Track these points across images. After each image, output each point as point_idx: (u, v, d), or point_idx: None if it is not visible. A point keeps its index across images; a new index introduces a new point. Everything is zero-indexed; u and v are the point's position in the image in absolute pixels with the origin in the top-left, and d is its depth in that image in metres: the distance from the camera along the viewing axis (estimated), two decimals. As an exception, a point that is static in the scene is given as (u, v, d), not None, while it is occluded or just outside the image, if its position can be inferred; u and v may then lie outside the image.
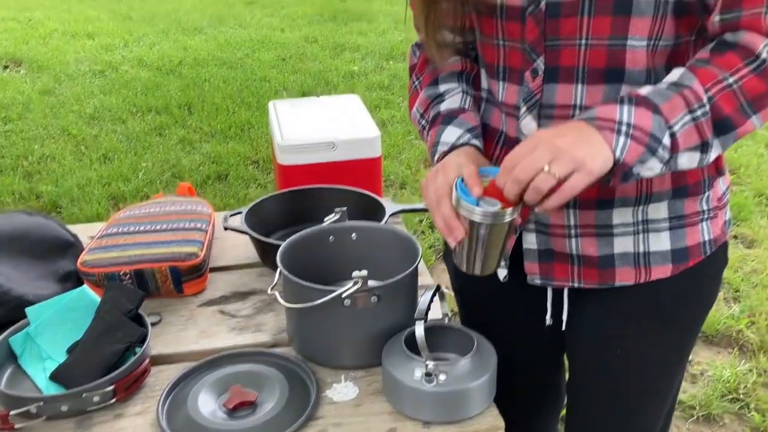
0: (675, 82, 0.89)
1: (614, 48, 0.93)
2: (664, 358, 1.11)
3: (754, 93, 0.88)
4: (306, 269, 1.18)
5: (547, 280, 1.09)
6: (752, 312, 2.59)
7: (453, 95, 1.10)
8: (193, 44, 5.89)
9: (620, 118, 0.86)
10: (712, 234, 1.05)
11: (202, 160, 3.89)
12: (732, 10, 0.89)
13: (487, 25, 1.02)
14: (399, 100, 4.65)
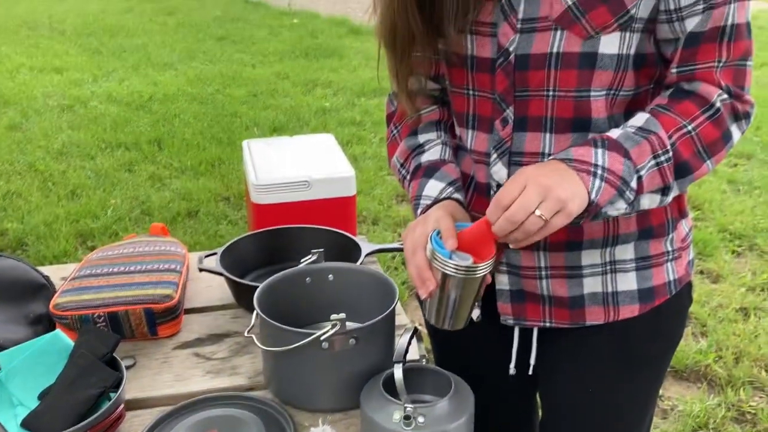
0: (641, 126, 0.94)
1: (580, 99, 0.97)
2: (635, 394, 1.13)
3: (710, 139, 0.94)
4: (283, 311, 1.18)
5: (519, 320, 1.11)
6: (719, 346, 2.63)
7: (433, 146, 1.13)
8: (163, 79, 5.89)
9: (595, 161, 0.90)
10: (677, 274, 1.08)
11: (172, 197, 3.86)
12: (688, 63, 0.95)
13: (457, 75, 1.05)
14: (371, 136, 4.69)
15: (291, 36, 7.34)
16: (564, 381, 1.14)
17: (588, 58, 0.94)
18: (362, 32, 7.53)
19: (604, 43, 0.93)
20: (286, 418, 1.07)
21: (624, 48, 0.94)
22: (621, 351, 1.09)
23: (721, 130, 0.95)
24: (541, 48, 0.95)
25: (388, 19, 1.01)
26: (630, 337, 1.08)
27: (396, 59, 1.05)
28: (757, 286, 3.03)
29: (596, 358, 1.10)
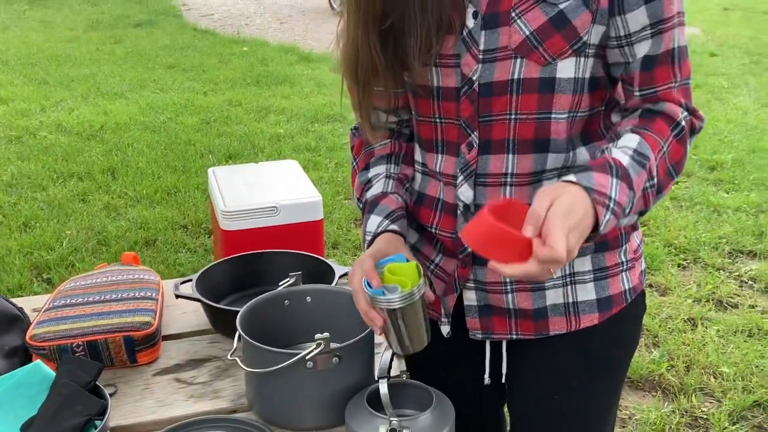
0: (637, 150, 0.99)
1: (541, 121, 1.04)
2: (598, 400, 1.20)
3: (677, 157, 1.03)
4: (263, 333, 1.21)
5: (487, 334, 1.16)
6: (671, 356, 2.75)
7: (378, 181, 1.19)
8: (113, 109, 5.83)
9: (610, 193, 0.93)
10: (632, 283, 1.16)
11: (129, 226, 3.83)
12: (648, 86, 1.04)
13: (424, 105, 1.11)
14: (326, 161, 4.74)
15: (241, 64, 7.36)
16: (531, 389, 1.20)
17: (547, 82, 1.01)
18: (312, 59, 7.61)
19: (560, 69, 1.01)
20: (272, 437, 1.10)
21: (579, 72, 1.02)
22: (584, 358, 1.16)
23: (685, 147, 1.04)
24: (503, 75, 1.02)
25: (351, 54, 1.06)
26: (591, 344, 1.15)
27: (359, 92, 1.10)
28: (702, 297, 3.17)
29: (561, 366, 1.17)
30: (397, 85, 1.10)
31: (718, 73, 6.89)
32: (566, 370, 1.16)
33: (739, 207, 4.04)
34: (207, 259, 3.51)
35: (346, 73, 1.09)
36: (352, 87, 1.11)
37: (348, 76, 1.09)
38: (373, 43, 1.04)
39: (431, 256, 1.19)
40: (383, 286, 1.02)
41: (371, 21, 1.02)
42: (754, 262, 3.51)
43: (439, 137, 1.12)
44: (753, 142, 5.05)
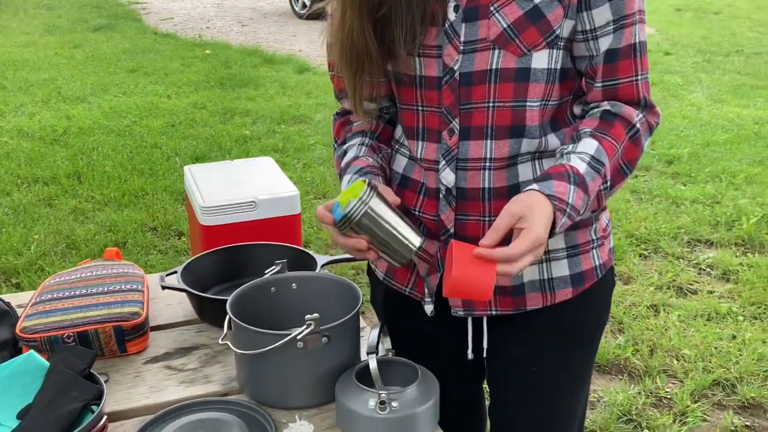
0: (594, 156, 1.09)
1: (517, 108, 1.11)
2: (572, 370, 1.28)
3: (630, 157, 1.13)
4: (251, 320, 1.25)
5: (469, 311, 1.23)
6: (635, 341, 2.85)
7: (351, 149, 1.26)
8: (76, 113, 5.77)
9: (568, 199, 1.05)
10: (602, 259, 1.24)
11: (98, 230, 3.81)
12: (610, 78, 1.12)
13: (407, 94, 1.18)
14: (294, 162, 4.77)
15: (204, 66, 7.34)
16: (510, 362, 1.27)
17: (522, 72, 1.09)
18: (276, 61, 7.62)
19: (535, 59, 1.08)
20: (266, 417, 1.15)
21: (552, 63, 1.10)
22: (559, 331, 1.23)
23: (639, 147, 1.13)
24: (482, 66, 1.09)
25: (348, 43, 1.11)
26: (566, 317, 1.22)
27: (353, 79, 1.16)
28: (663, 285, 3.30)
29: (538, 340, 1.24)
30: (381, 74, 1.15)
31: (673, 71, 7.11)
32: (542, 342, 1.23)
33: (696, 198, 4.20)
34: (177, 260, 3.51)
35: (342, 61, 1.14)
36: (347, 74, 1.15)
37: (344, 64, 1.14)
38: (368, 31, 1.09)
39: None
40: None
41: (366, 11, 1.08)
42: (711, 250, 3.65)
43: (421, 124, 1.18)
44: (707, 137, 5.23)
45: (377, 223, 1.06)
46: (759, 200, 4.16)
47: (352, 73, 1.16)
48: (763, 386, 2.59)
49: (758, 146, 5.05)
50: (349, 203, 1.05)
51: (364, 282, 3.24)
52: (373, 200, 1.05)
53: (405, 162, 1.24)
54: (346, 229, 1.07)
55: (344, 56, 1.12)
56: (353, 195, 1.06)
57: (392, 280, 1.29)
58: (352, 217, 1.05)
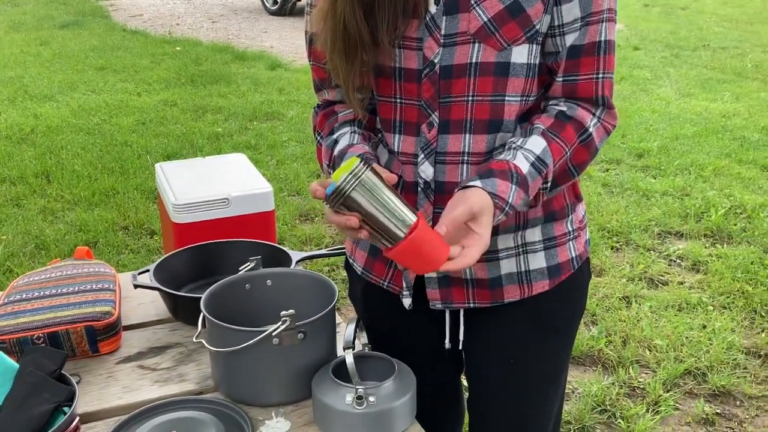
0: (539, 156, 1.10)
1: (496, 102, 1.11)
2: (549, 361, 1.29)
3: (579, 161, 1.14)
4: (226, 317, 1.24)
5: (447, 304, 1.23)
6: (608, 332, 2.89)
7: (343, 137, 1.23)
8: (44, 111, 5.67)
9: (509, 199, 1.06)
10: (578, 251, 1.25)
11: (68, 229, 3.75)
12: (571, 74, 1.12)
13: (385, 86, 1.17)
14: (267, 159, 4.74)
15: (175, 64, 7.25)
16: (487, 354, 1.27)
17: (502, 67, 1.09)
18: (247, 58, 7.56)
19: (515, 54, 1.08)
20: (242, 414, 1.14)
21: (531, 58, 1.10)
22: (536, 322, 1.24)
23: (590, 152, 1.14)
24: (462, 59, 1.09)
25: (338, 27, 1.09)
26: (543, 309, 1.23)
27: (347, 65, 1.12)
28: (635, 277, 3.34)
29: (515, 331, 1.25)
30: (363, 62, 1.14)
31: (642, 66, 7.20)
32: (520, 334, 1.24)
33: (666, 191, 4.26)
34: (150, 259, 3.48)
35: (335, 49, 1.11)
36: (341, 62, 1.12)
37: (337, 53, 1.11)
38: (360, 17, 1.07)
39: None
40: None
41: None
42: (681, 242, 3.70)
43: (398, 117, 1.17)
44: (676, 130, 5.31)
45: (369, 198, 1.00)
46: (726, 192, 4.24)
47: (345, 61, 1.12)
48: (732, 374, 2.64)
49: (725, 139, 5.14)
50: (341, 177, 1.01)
51: (339, 278, 3.24)
52: (365, 174, 1.00)
53: (386, 155, 1.23)
54: (337, 205, 1.01)
55: (337, 44, 1.10)
56: (347, 171, 1.01)
57: (370, 274, 1.29)
58: (343, 190, 0.99)
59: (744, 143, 5.06)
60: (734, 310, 3.06)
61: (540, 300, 1.22)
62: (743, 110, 5.81)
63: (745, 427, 2.40)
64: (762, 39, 8.58)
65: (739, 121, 5.54)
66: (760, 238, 3.69)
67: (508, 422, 1.30)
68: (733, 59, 7.58)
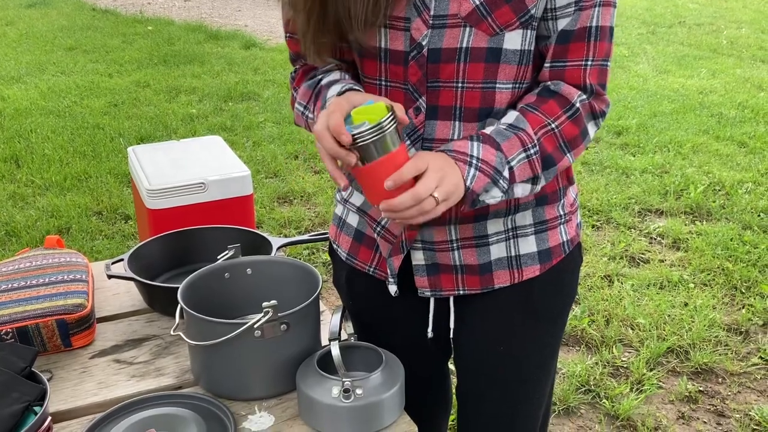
0: (511, 123, 1.05)
1: (486, 90, 1.06)
2: (540, 348, 1.25)
3: (570, 136, 1.08)
4: (204, 308, 1.20)
5: (435, 291, 1.19)
6: (591, 311, 2.88)
7: (331, 73, 1.15)
8: (11, 94, 5.52)
9: (471, 152, 1.01)
10: (569, 235, 1.22)
11: (39, 215, 3.65)
12: (560, 59, 1.07)
13: (369, 66, 1.11)
14: (243, 140, 4.66)
15: (147, 43, 7.10)
16: (477, 341, 1.24)
17: (494, 53, 1.04)
18: (221, 37, 7.42)
19: (507, 40, 1.03)
20: (223, 410, 1.10)
21: (525, 44, 1.05)
22: (527, 308, 1.21)
23: (580, 128, 1.08)
24: (452, 43, 1.04)
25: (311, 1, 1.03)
26: (533, 294, 1.20)
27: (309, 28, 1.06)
28: (616, 255, 3.33)
29: (505, 317, 1.21)
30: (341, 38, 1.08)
31: (619, 43, 7.18)
32: (510, 320, 1.21)
33: (645, 168, 4.25)
34: (125, 245, 3.40)
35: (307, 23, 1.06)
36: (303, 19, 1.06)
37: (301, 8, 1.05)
38: None
39: (377, 218, 1.20)
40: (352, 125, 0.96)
41: None
42: (661, 219, 3.71)
43: None
44: (654, 107, 5.31)
45: (381, 148, 0.95)
46: (705, 169, 4.24)
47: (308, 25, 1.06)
48: (714, 352, 2.64)
49: (703, 116, 5.15)
50: (363, 125, 0.94)
51: (320, 261, 3.19)
52: (391, 131, 0.95)
53: None
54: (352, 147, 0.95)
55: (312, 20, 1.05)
56: (370, 117, 0.95)
57: (355, 260, 1.25)
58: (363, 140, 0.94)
59: (721, 120, 5.07)
60: (715, 287, 3.07)
61: (531, 285, 1.18)
62: (719, 87, 5.82)
63: (727, 404, 2.41)
64: (736, 15, 8.61)
65: (716, 97, 5.55)
66: (739, 214, 3.70)
67: (499, 410, 1.27)
68: (708, 36, 7.59)
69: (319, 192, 3.94)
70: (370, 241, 1.22)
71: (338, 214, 1.29)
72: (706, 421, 2.33)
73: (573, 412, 2.36)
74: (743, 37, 7.53)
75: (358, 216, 1.23)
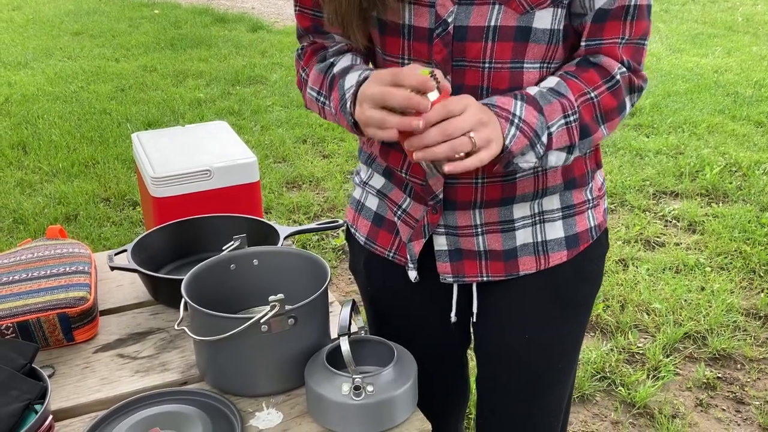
0: (553, 88, 1.00)
1: (515, 70, 1.01)
2: (565, 336, 1.21)
3: (608, 107, 1.03)
4: (209, 300, 1.16)
5: (458, 277, 1.15)
6: (606, 297, 2.83)
7: (342, 58, 1.11)
8: (18, 79, 5.49)
9: (514, 110, 0.96)
10: (597, 220, 1.17)
11: (47, 202, 3.63)
12: (596, 38, 1.02)
13: (392, 44, 1.06)
14: (251, 124, 4.61)
15: (153, 27, 7.04)
16: (501, 329, 1.19)
17: (523, 31, 0.99)
18: (228, 20, 7.36)
19: (538, 18, 0.98)
20: (230, 407, 1.06)
21: (555, 23, 1.00)
22: (553, 296, 1.16)
23: (618, 100, 1.03)
24: (479, 21, 0.98)
25: None
26: (560, 281, 1.15)
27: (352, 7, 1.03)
28: (631, 239, 3.27)
29: (530, 305, 1.16)
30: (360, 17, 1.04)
31: (632, 21, 7.05)
32: (535, 308, 1.16)
33: (660, 150, 4.18)
34: (133, 231, 3.37)
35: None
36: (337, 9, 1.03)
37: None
38: None
39: (399, 201, 1.16)
40: None
41: None
42: (676, 201, 3.64)
43: None
44: (668, 87, 5.21)
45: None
46: (721, 149, 4.16)
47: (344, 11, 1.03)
48: (732, 337, 2.59)
49: (718, 95, 5.05)
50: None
51: (329, 247, 3.15)
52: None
53: None
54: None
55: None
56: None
57: (374, 245, 1.21)
58: None
59: (737, 99, 4.97)
60: (732, 271, 3.01)
61: (557, 272, 1.14)
62: (735, 65, 5.71)
63: (747, 390, 2.36)
64: (752, -8, 8.45)
65: (732, 76, 5.44)
66: (756, 196, 3.63)
67: (521, 399, 1.22)
68: (723, 13, 7.45)
69: (328, 177, 3.89)
70: (390, 225, 1.18)
71: (357, 198, 1.25)
72: (725, 409, 2.29)
73: (588, 399, 2.32)
74: (759, 14, 7.38)
75: (378, 199, 1.19)
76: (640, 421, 2.23)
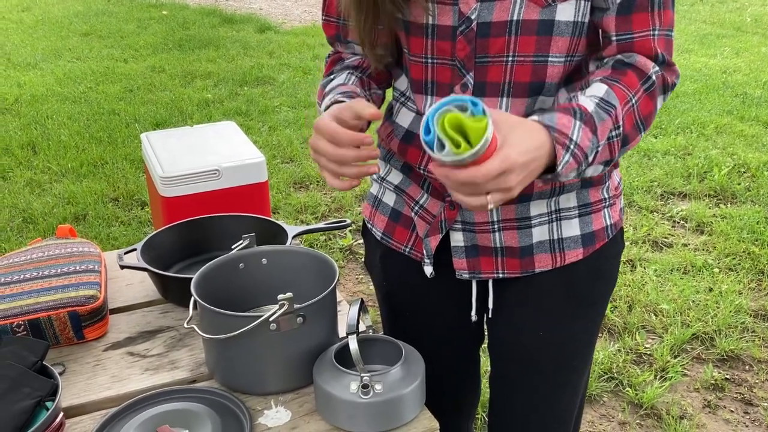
0: (603, 98, 0.97)
1: (538, 63, 1.01)
2: (579, 335, 1.21)
3: (646, 112, 1.00)
4: (219, 299, 1.17)
5: (474, 273, 1.16)
6: (613, 297, 2.82)
7: (339, 76, 1.14)
8: (28, 80, 5.52)
9: (572, 135, 0.92)
10: (613, 219, 1.17)
11: (56, 202, 3.65)
12: (625, 32, 1.00)
13: (416, 44, 1.07)
14: (259, 125, 4.62)
15: (161, 28, 7.07)
16: (515, 327, 1.19)
17: (546, 25, 0.98)
18: (236, 21, 7.38)
19: (560, 11, 0.98)
20: (238, 405, 1.06)
21: (579, 16, 0.99)
22: (568, 294, 1.16)
23: (654, 102, 1.01)
24: (502, 16, 0.99)
25: None
26: (575, 279, 1.15)
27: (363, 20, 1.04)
28: (639, 240, 3.27)
29: (546, 303, 1.17)
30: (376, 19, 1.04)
31: (640, 22, 7.04)
32: (551, 306, 1.17)
33: (668, 150, 4.17)
34: (141, 231, 3.39)
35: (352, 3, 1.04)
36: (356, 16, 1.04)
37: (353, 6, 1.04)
38: None
39: (416, 197, 1.17)
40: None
41: None
42: (684, 202, 3.63)
43: (430, 78, 1.08)
44: (676, 88, 5.19)
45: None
46: (729, 150, 4.15)
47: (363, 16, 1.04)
48: (741, 338, 2.58)
49: (726, 96, 5.04)
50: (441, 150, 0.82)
51: (336, 247, 3.15)
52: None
53: (411, 117, 1.14)
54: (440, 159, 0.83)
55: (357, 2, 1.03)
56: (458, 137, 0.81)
57: (391, 240, 1.22)
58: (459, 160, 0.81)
59: (746, 100, 4.96)
60: (741, 272, 3.00)
61: (572, 270, 1.14)
62: (744, 66, 5.69)
63: (755, 392, 2.35)
64: (761, -8, 8.41)
65: (740, 77, 5.43)
66: (765, 197, 3.62)
67: (535, 397, 1.22)
68: (731, 13, 7.43)
69: (336, 177, 3.90)
70: (406, 221, 1.19)
71: (374, 193, 1.26)
72: (733, 410, 2.28)
73: (595, 400, 2.32)
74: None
75: (395, 195, 1.20)
76: (648, 422, 2.23)
